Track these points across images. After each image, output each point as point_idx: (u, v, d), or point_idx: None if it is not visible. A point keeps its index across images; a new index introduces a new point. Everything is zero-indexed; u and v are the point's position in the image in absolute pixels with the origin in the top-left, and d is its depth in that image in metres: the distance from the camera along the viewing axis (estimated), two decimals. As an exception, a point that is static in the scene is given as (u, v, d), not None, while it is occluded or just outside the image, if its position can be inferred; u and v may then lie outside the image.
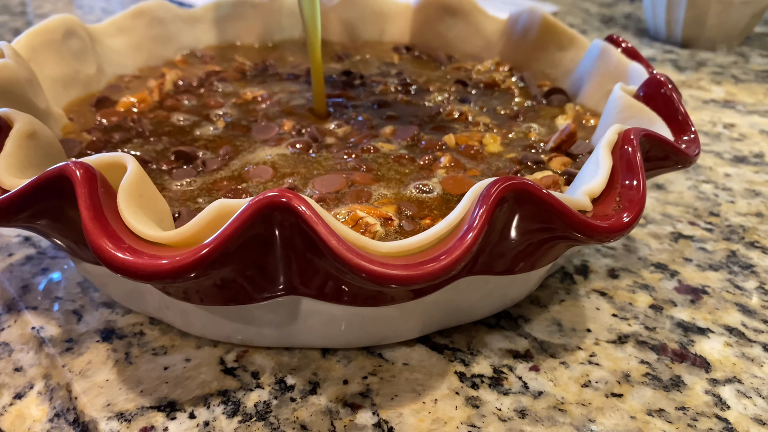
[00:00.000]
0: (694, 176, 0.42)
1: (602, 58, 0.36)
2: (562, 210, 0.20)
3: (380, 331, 0.25)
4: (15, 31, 0.73)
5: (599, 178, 0.23)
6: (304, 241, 0.19)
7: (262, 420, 0.23)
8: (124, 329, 0.27)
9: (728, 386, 0.25)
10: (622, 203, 0.22)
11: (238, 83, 0.40)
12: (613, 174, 0.24)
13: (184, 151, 0.30)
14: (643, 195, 0.22)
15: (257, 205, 0.18)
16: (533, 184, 0.20)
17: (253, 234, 0.19)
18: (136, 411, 0.23)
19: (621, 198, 0.23)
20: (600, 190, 0.23)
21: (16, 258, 0.31)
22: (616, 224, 0.20)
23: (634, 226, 0.21)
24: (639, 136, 0.24)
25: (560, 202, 0.20)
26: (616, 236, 0.20)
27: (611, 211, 0.22)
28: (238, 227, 0.19)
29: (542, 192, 0.20)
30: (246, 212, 0.18)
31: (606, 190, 0.23)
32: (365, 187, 0.27)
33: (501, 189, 0.20)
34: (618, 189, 0.23)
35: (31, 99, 0.31)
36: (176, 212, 0.25)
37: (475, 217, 0.19)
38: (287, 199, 0.18)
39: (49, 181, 0.20)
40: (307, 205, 0.19)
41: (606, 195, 0.23)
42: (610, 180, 0.23)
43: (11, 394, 0.24)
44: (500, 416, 0.23)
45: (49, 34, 0.36)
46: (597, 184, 0.23)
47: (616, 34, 0.78)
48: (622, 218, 0.21)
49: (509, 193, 0.20)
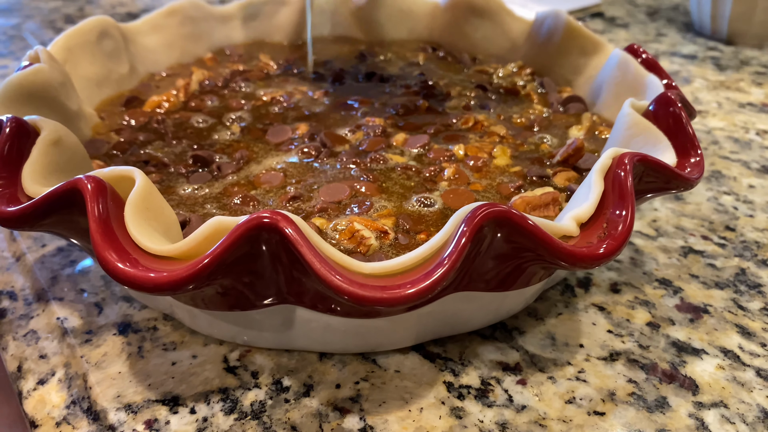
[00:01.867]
0: (716, 186, 0.41)
1: (620, 69, 0.36)
2: (540, 236, 0.21)
3: (374, 339, 0.26)
4: (66, 18, 0.76)
5: (587, 204, 0.24)
6: (290, 260, 0.20)
7: (256, 419, 0.24)
8: (140, 323, 0.29)
9: (713, 410, 0.25)
10: (608, 230, 0.23)
11: (261, 82, 0.42)
12: (604, 199, 0.24)
13: (201, 156, 0.31)
14: (629, 225, 0.22)
15: (247, 225, 0.20)
16: (511, 210, 0.20)
17: (245, 251, 0.20)
18: (142, 403, 0.25)
19: (608, 225, 0.23)
20: (588, 216, 0.23)
21: (48, 249, 0.34)
22: (590, 254, 0.21)
23: (615, 256, 0.22)
24: (633, 162, 0.24)
25: (538, 228, 0.21)
26: (591, 266, 0.21)
27: (596, 239, 0.22)
28: (230, 246, 0.20)
29: (521, 219, 0.21)
30: (237, 232, 0.20)
31: (595, 215, 0.24)
32: (368, 199, 0.28)
33: (481, 217, 0.20)
34: (607, 215, 0.23)
35: (63, 101, 0.33)
36: (187, 218, 0.27)
37: (453, 245, 0.20)
38: (275, 221, 0.20)
39: (63, 194, 0.22)
40: (293, 227, 0.20)
41: (594, 220, 0.24)
42: (601, 205, 0.24)
43: (35, 380, 0.27)
44: (481, 428, 0.24)
45: (85, 36, 0.38)
46: (585, 210, 0.23)
47: (660, 27, 0.76)
48: (599, 248, 0.21)
49: (489, 221, 0.20)
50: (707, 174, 0.43)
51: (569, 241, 0.23)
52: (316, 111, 0.38)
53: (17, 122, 0.26)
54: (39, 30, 0.72)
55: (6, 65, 0.61)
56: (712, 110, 0.53)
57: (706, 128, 0.49)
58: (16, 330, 0.29)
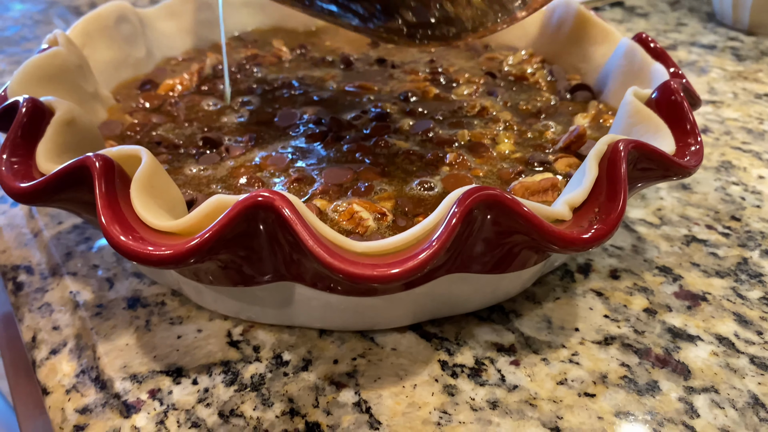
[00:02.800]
0: (725, 177, 0.41)
1: (627, 57, 0.36)
2: (529, 219, 0.21)
3: (372, 318, 0.27)
4: (91, 4, 0.77)
5: (580, 189, 0.24)
6: (286, 237, 0.21)
7: (255, 391, 0.25)
8: (149, 298, 0.30)
9: (703, 395, 0.25)
10: (599, 215, 0.23)
11: (273, 67, 0.42)
12: (597, 185, 0.24)
13: (211, 138, 0.32)
14: (621, 210, 0.23)
15: (244, 203, 0.21)
16: (502, 194, 0.21)
17: (243, 228, 0.21)
18: (147, 374, 0.26)
19: (600, 210, 0.23)
20: (581, 201, 0.24)
21: (64, 226, 0.35)
22: (577, 238, 0.21)
23: (603, 240, 0.22)
24: (628, 148, 0.24)
25: (526, 211, 0.21)
26: (579, 249, 0.21)
27: (587, 223, 0.23)
28: (228, 222, 0.21)
29: (511, 201, 0.21)
30: (235, 209, 0.21)
31: (588, 200, 0.24)
32: (369, 182, 0.29)
33: (471, 200, 0.21)
34: (600, 200, 0.24)
35: (80, 83, 0.34)
36: (194, 197, 0.28)
37: (443, 227, 0.21)
38: (271, 200, 0.20)
39: (73, 171, 0.23)
40: (288, 206, 0.21)
41: (587, 205, 0.24)
42: (594, 190, 0.24)
43: (48, 350, 0.28)
44: (472, 405, 0.25)
45: (103, 21, 0.39)
46: (578, 194, 0.24)
47: (681, 17, 0.75)
48: (587, 233, 0.21)
49: (479, 203, 0.21)
50: (716, 164, 0.43)
51: (561, 225, 0.23)
52: (325, 96, 0.38)
53: (33, 103, 0.27)
54: (66, 14, 0.74)
55: (31, 49, 0.63)
56: (727, 100, 0.52)
57: (720, 118, 0.49)
58: (31, 303, 0.30)
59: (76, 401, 0.25)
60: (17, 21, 0.72)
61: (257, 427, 0.24)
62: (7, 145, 0.26)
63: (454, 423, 0.24)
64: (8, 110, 0.27)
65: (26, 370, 0.33)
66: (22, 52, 0.62)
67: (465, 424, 0.24)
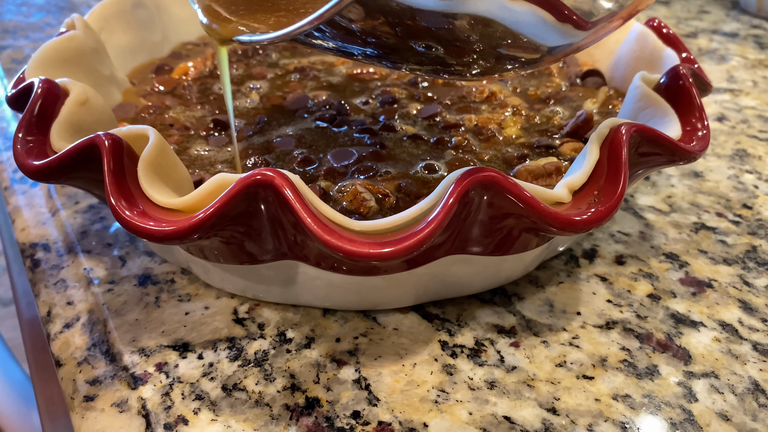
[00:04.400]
0: (738, 165, 0.41)
1: (639, 43, 0.36)
2: (525, 200, 0.21)
3: (374, 297, 0.28)
4: None
5: (580, 172, 0.24)
6: (285, 215, 0.22)
7: (258, 366, 0.26)
8: (159, 276, 0.31)
9: (703, 380, 0.25)
10: (598, 198, 0.23)
11: (286, 52, 0.43)
12: (598, 168, 0.24)
13: (221, 120, 0.33)
14: (620, 194, 0.23)
15: (245, 181, 0.21)
16: (498, 175, 0.21)
17: (244, 206, 0.22)
18: (155, 348, 0.27)
19: (599, 193, 0.23)
20: (580, 183, 0.24)
21: (80, 206, 0.36)
22: (572, 219, 0.21)
23: (601, 223, 0.22)
24: (630, 132, 0.24)
25: (523, 191, 0.21)
26: (576, 231, 0.22)
27: (585, 205, 0.23)
28: (229, 200, 0.21)
29: (507, 183, 0.21)
30: (236, 187, 0.21)
31: (588, 184, 0.24)
32: (374, 164, 0.29)
33: (468, 181, 0.21)
34: (600, 183, 0.24)
35: (96, 66, 0.35)
36: (202, 178, 0.29)
37: (440, 208, 0.21)
38: (270, 178, 0.21)
39: (84, 149, 0.24)
40: (288, 184, 0.21)
41: (587, 188, 0.24)
42: (594, 174, 0.24)
43: (62, 324, 0.29)
44: (470, 385, 0.25)
45: (120, 5, 0.40)
46: (578, 177, 0.24)
47: (704, 4, 0.74)
48: (583, 215, 0.22)
49: (476, 184, 0.21)
50: (731, 152, 0.42)
51: (560, 207, 0.23)
52: (334, 81, 0.39)
53: (48, 84, 0.28)
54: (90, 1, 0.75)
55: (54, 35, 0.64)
56: (746, 89, 0.52)
57: (738, 107, 0.48)
58: (48, 279, 0.31)
59: (87, 373, 0.26)
60: (41, 8, 0.73)
61: (258, 400, 0.24)
62: (23, 125, 0.27)
63: (451, 401, 0.24)
64: (25, 91, 0.28)
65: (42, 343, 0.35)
66: (46, 37, 0.63)
67: (462, 402, 0.24)
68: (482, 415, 0.24)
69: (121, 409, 0.24)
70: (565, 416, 0.24)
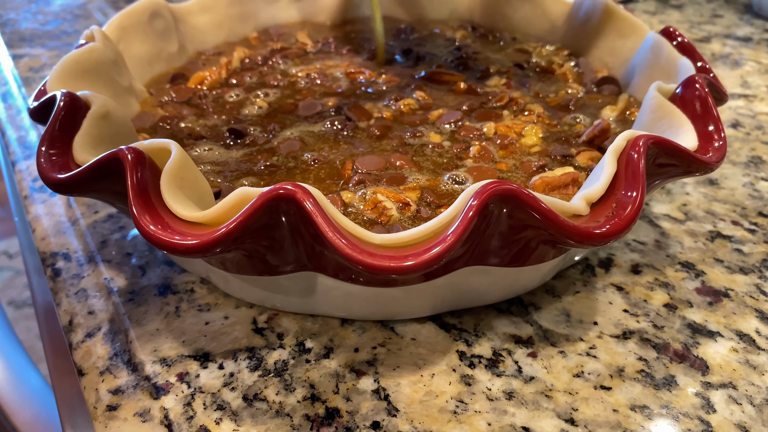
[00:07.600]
0: (754, 172, 0.41)
1: (654, 52, 0.36)
2: (544, 213, 0.22)
3: (392, 308, 0.28)
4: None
5: (598, 184, 0.24)
6: (306, 228, 0.22)
7: (278, 376, 0.26)
8: (179, 286, 0.31)
9: (721, 391, 0.26)
10: (616, 210, 0.23)
11: (298, 60, 0.43)
12: (616, 180, 0.24)
13: (237, 129, 0.33)
14: (638, 206, 0.23)
15: (267, 195, 0.21)
16: (518, 188, 0.21)
17: (266, 219, 0.22)
18: (176, 358, 0.27)
19: (617, 205, 0.24)
20: (598, 196, 0.24)
21: (100, 216, 0.36)
22: (591, 232, 0.22)
23: (619, 236, 0.22)
24: (647, 144, 0.25)
25: (542, 205, 0.21)
26: (594, 244, 0.22)
27: (603, 218, 0.23)
28: (252, 214, 0.22)
29: (526, 196, 0.21)
30: (258, 201, 0.21)
31: (606, 196, 0.24)
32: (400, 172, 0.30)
33: (487, 194, 0.21)
34: (617, 196, 0.24)
35: (115, 77, 0.35)
36: (218, 189, 0.29)
37: (459, 221, 0.21)
38: (292, 193, 0.21)
39: (106, 163, 0.24)
40: (309, 198, 0.21)
41: (605, 200, 0.24)
42: (612, 186, 0.24)
43: (84, 333, 0.29)
44: (488, 395, 0.25)
45: (137, 16, 0.40)
46: (596, 189, 0.24)
47: (717, 8, 0.74)
48: (602, 227, 0.22)
49: (494, 197, 0.21)
50: (746, 159, 0.42)
51: (578, 219, 0.24)
52: (346, 87, 0.39)
53: (70, 97, 0.28)
54: (105, 8, 0.76)
55: (71, 43, 0.65)
56: (760, 94, 0.51)
57: (752, 113, 0.48)
58: (68, 288, 0.32)
59: (110, 382, 0.26)
60: (57, 15, 0.74)
61: (279, 411, 0.25)
62: (46, 138, 0.27)
63: (470, 412, 0.25)
64: (47, 104, 0.29)
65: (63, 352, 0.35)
66: (62, 45, 0.64)
67: (480, 413, 0.24)
68: (501, 425, 0.24)
69: (144, 418, 0.25)
70: (583, 427, 0.24)
